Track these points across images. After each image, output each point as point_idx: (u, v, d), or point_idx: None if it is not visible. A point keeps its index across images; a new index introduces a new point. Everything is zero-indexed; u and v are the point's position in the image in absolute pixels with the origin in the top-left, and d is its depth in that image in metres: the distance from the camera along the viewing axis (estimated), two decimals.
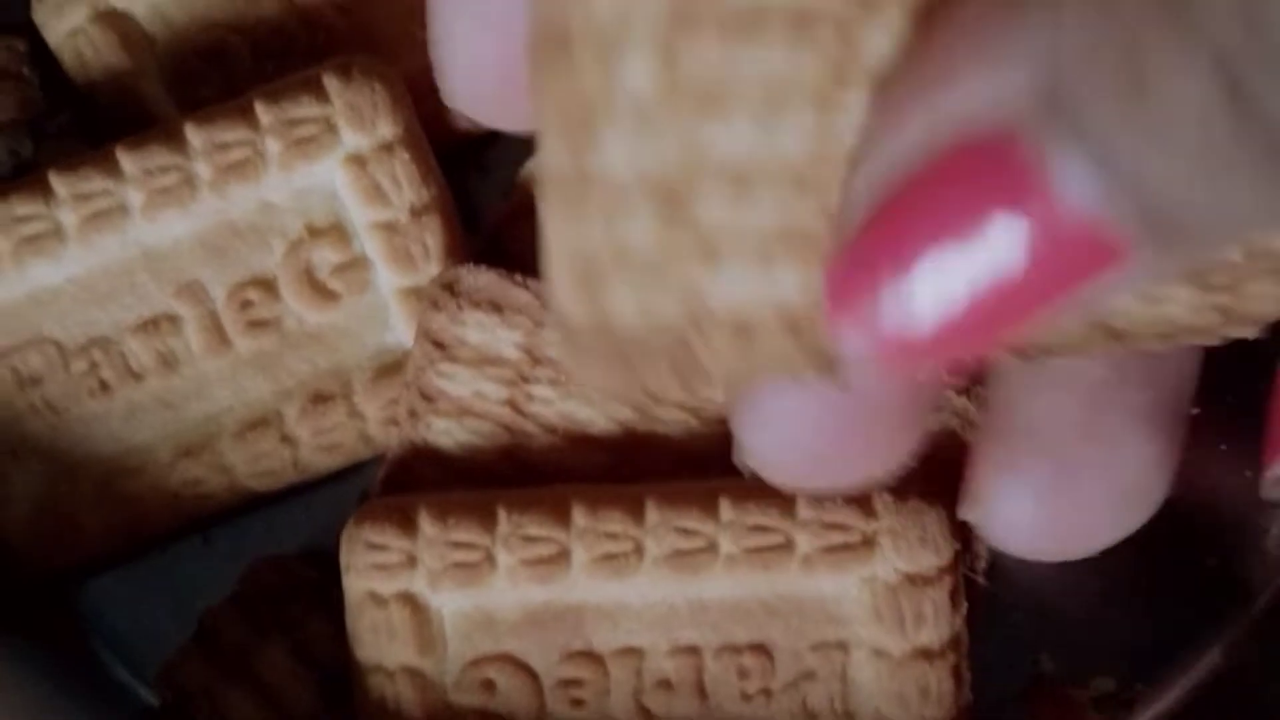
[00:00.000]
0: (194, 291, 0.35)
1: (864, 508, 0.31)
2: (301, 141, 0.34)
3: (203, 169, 0.34)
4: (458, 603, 0.32)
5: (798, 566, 0.31)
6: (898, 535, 0.31)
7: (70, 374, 0.35)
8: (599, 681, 0.32)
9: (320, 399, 0.35)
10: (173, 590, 0.36)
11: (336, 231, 0.35)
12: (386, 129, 0.34)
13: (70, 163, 0.34)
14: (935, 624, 0.31)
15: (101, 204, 0.34)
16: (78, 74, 0.37)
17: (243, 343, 0.35)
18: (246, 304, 0.35)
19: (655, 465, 0.33)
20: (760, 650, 0.32)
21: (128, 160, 0.34)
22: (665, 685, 0.32)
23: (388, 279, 0.35)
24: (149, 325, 0.35)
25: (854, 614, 0.31)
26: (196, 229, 0.34)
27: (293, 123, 0.34)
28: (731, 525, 0.31)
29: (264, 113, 0.34)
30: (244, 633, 0.34)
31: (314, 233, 0.35)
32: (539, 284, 0.34)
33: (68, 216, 0.34)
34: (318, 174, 0.34)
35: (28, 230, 0.34)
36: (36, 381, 0.35)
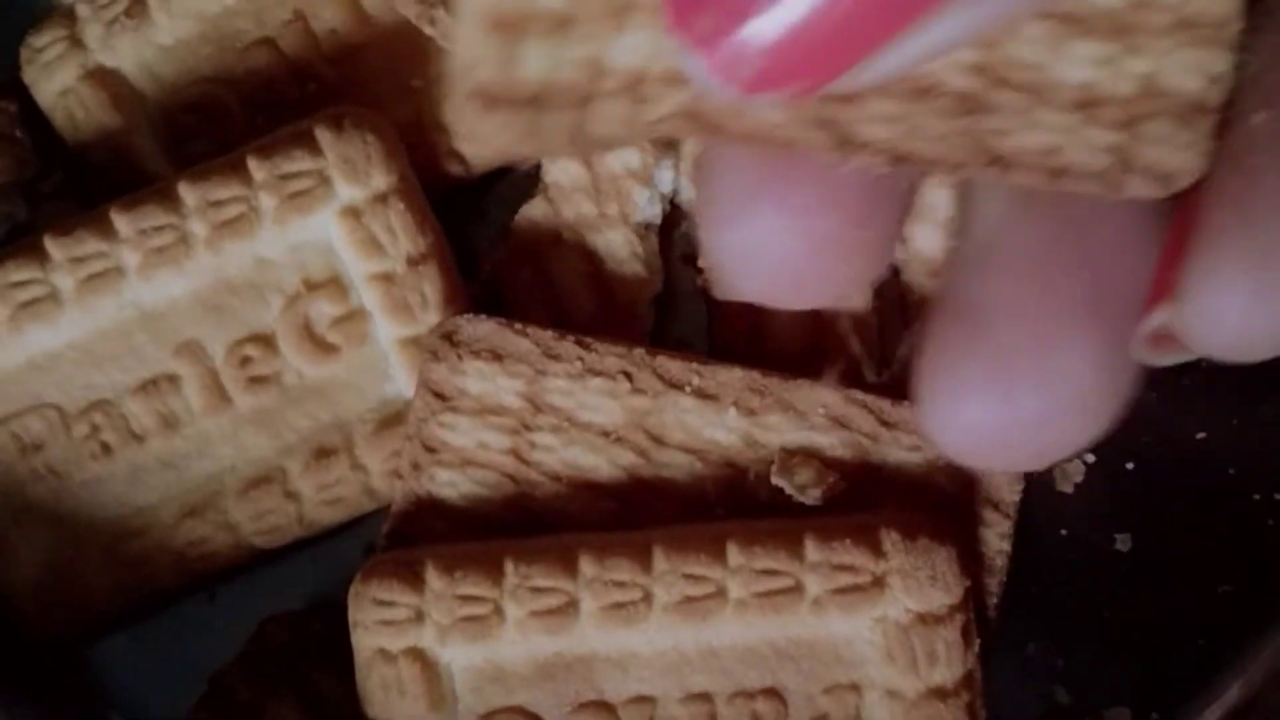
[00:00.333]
0: (193, 350, 0.34)
1: (873, 548, 0.31)
2: (296, 196, 0.34)
3: (197, 227, 0.34)
4: (467, 657, 0.32)
5: (808, 609, 0.31)
6: (908, 575, 0.31)
7: (72, 438, 0.34)
8: None
9: (322, 453, 0.35)
10: (180, 649, 0.36)
11: (334, 284, 0.34)
12: (380, 180, 0.34)
13: (65, 225, 0.34)
14: (948, 663, 0.31)
15: (97, 266, 0.34)
16: (69, 134, 0.37)
17: (243, 400, 0.35)
18: (246, 361, 0.34)
19: (660, 509, 0.33)
20: (773, 695, 0.31)
21: (122, 221, 0.34)
22: None
23: (386, 330, 0.35)
24: (149, 386, 0.34)
25: (866, 655, 0.31)
26: (193, 288, 0.34)
27: (286, 177, 0.34)
28: (740, 570, 0.31)
29: (257, 168, 0.34)
30: (254, 692, 0.34)
31: (311, 286, 0.34)
32: (539, 331, 0.33)
33: (64, 280, 0.34)
34: (313, 227, 0.34)
35: (24, 296, 0.34)
36: (38, 447, 0.34)
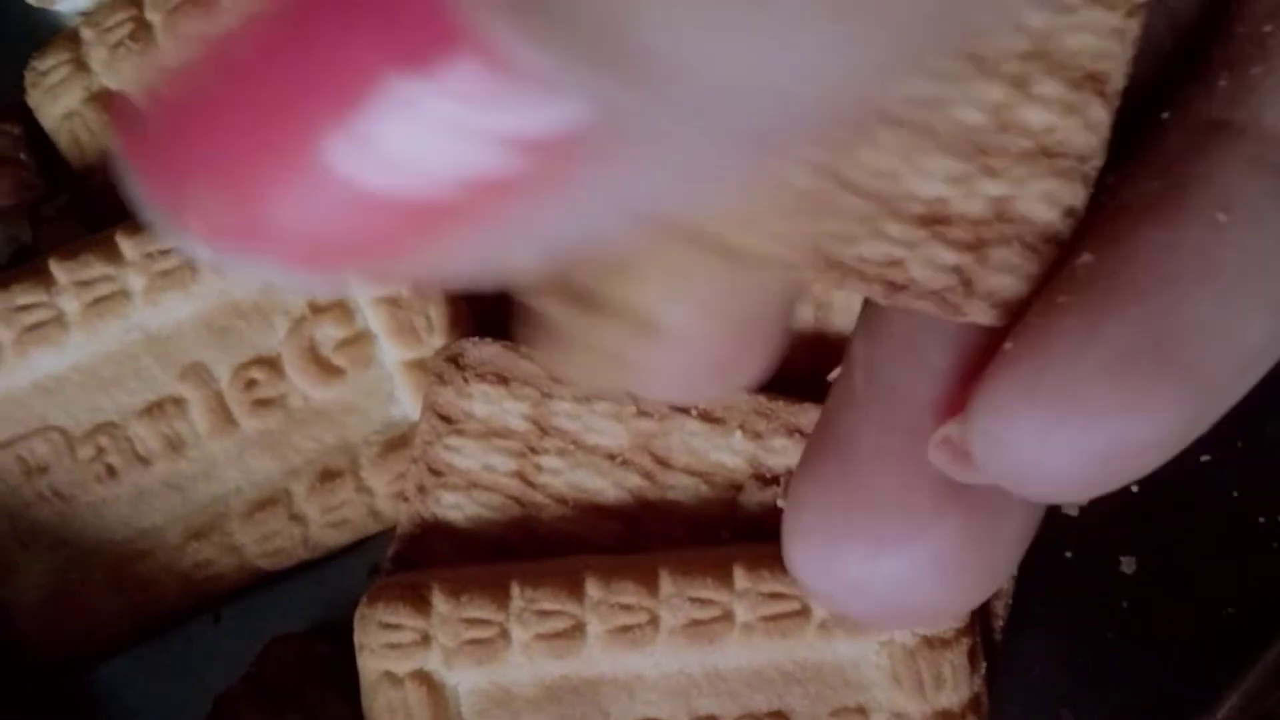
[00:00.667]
0: (198, 373, 0.35)
1: None
2: None
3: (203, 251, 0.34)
4: (473, 680, 0.32)
5: (815, 632, 0.31)
6: None
7: (77, 461, 0.34)
8: None
9: (328, 476, 0.35)
10: (185, 671, 0.36)
11: (339, 307, 0.35)
12: None
13: (70, 249, 0.34)
14: (955, 686, 0.31)
15: (103, 290, 0.34)
16: (74, 157, 0.37)
17: (249, 422, 0.35)
18: (251, 383, 0.35)
19: (667, 533, 0.33)
20: (780, 717, 0.31)
21: (128, 245, 0.34)
22: None
23: (391, 353, 0.35)
24: (154, 409, 0.35)
25: (872, 678, 0.31)
26: (199, 311, 0.34)
27: None
28: (747, 593, 0.31)
29: None
30: (259, 714, 0.34)
31: (316, 309, 0.35)
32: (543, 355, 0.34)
33: (70, 304, 0.34)
34: None
35: (30, 319, 0.34)
36: (43, 470, 0.34)
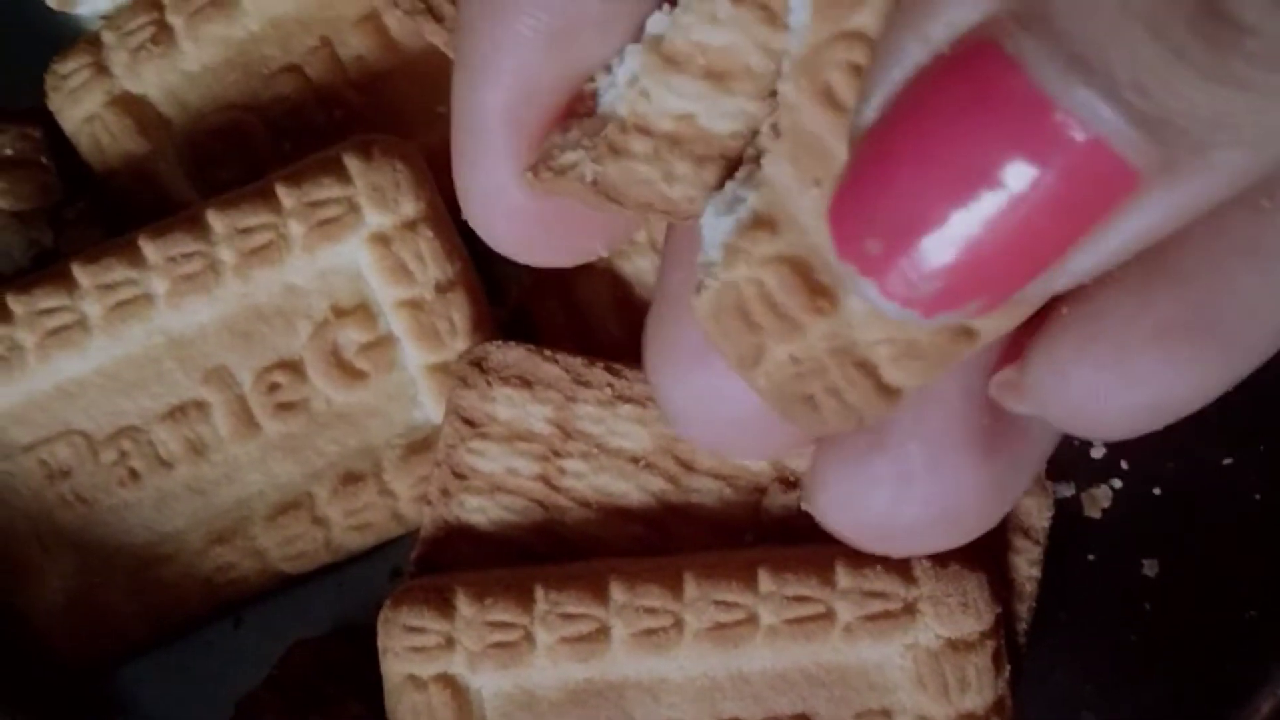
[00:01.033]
0: (221, 377, 0.34)
1: (904, 574, 0.31)
2: (324, 223, 0.34)
3: (226, 254, 0.34)
4: (498, 683, 0.32)
5: (839, 636, 0.31)
6: (939, 601, 0.31)
7: (99, 465, 0.34)
8: None
9: (351, 479, 0.35)
10: (206, 674, 0.36)
11: (362, 311, 0.35)
12: (409, 207, 0.34)
13: (92, 253, 0.34)
14: (979, 689, 0.31)
15: (125, 293, 0.34)
16: (95, 160, 0.37)
17: (271, 426, 0.35)
18: (274, 387, 0.35)
19: (690, 535, 0.33)
20: None
21: (150, 249, 0.34)
22: None
23: (415, 356, 0.35)
24: (177, 413, 0.34)
25: (897, 681, 0.31)
26: (221, 314, 0.34)
27: (315, 204, 0.34)
28: (771, 597, 0.31)
29: (286, 195, 0.34)
30: (281, 717, 0.34)
31: (339, 313, 0.34)
32: (569, 358, 0.34)
33: (92, 308, 0.34)
34: (342, 254, 0.34)
35: (52, 323, 0.34)
36: (66, 474, 0.34)
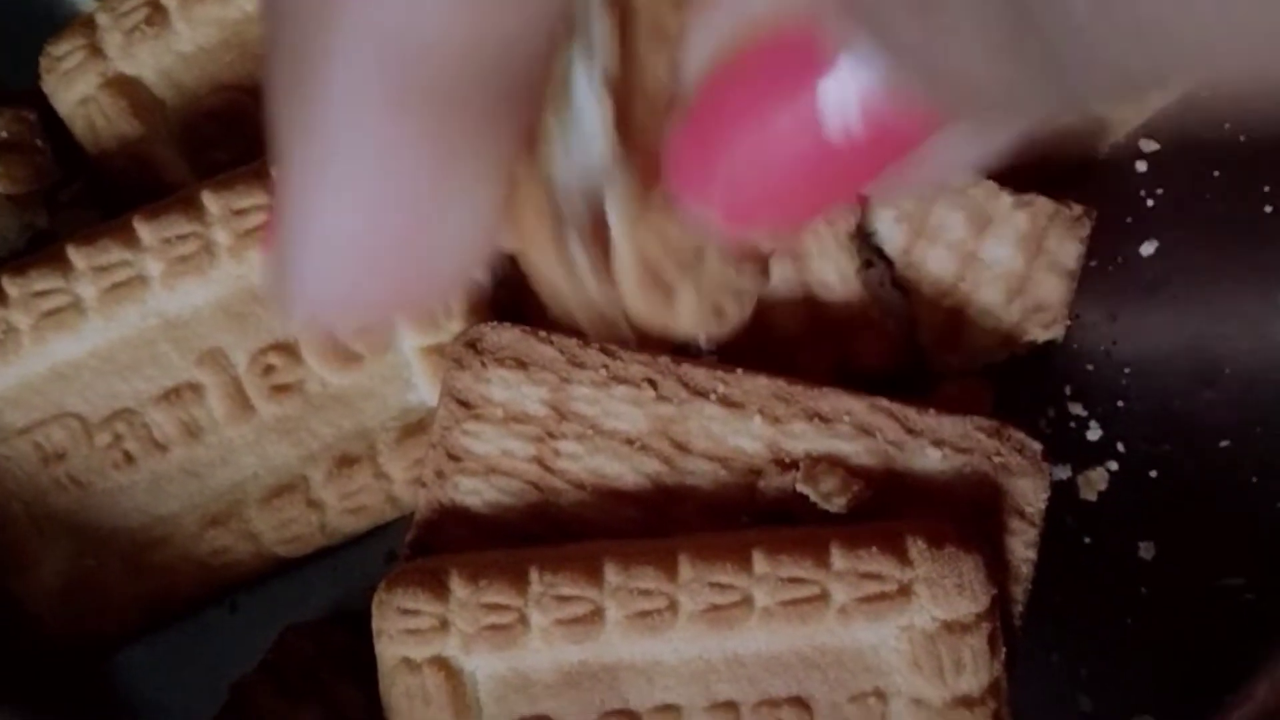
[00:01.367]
0: (216, 359, 0.34)
1: (900, 556, 0.31)
2: None
3: (221, 236, 0.34)
4: (492, 665, 0.32)
5: (834, 617, 0.31)
6: (934, 583, 0.31)
7: (94, 447, 0.34)
8: None
9: (345, 461, 0.35)
10: (201, 658, 0.36)
11: None
12: None
13: (87, 235, 0.34)
14: (974, 671, 0.31)
15: (120, 275, 0.34)
16: (89, 142, 0.37)
17: (266, 408, 0.35)
18: (269, 369, 0.34)
19: (685, 517, 0.33)
20: (798, 703, 0.31)
21: (145, 230, 0.34)
22: None
23: (409, 338, 0.35)
24: (171, 395, 0.34)
25: (892, 664, 0.31)
26: (217, 296, 0.34)
27: None
28: (766, 578, 0.31)
29: None
30: (276, 701, 0.34)
31: None
32: (564, 339, 0.33)
33: (87, 289, 0.34)
34: None
35: (47, 305, 0.34)
36: (60, 457, 0.34)
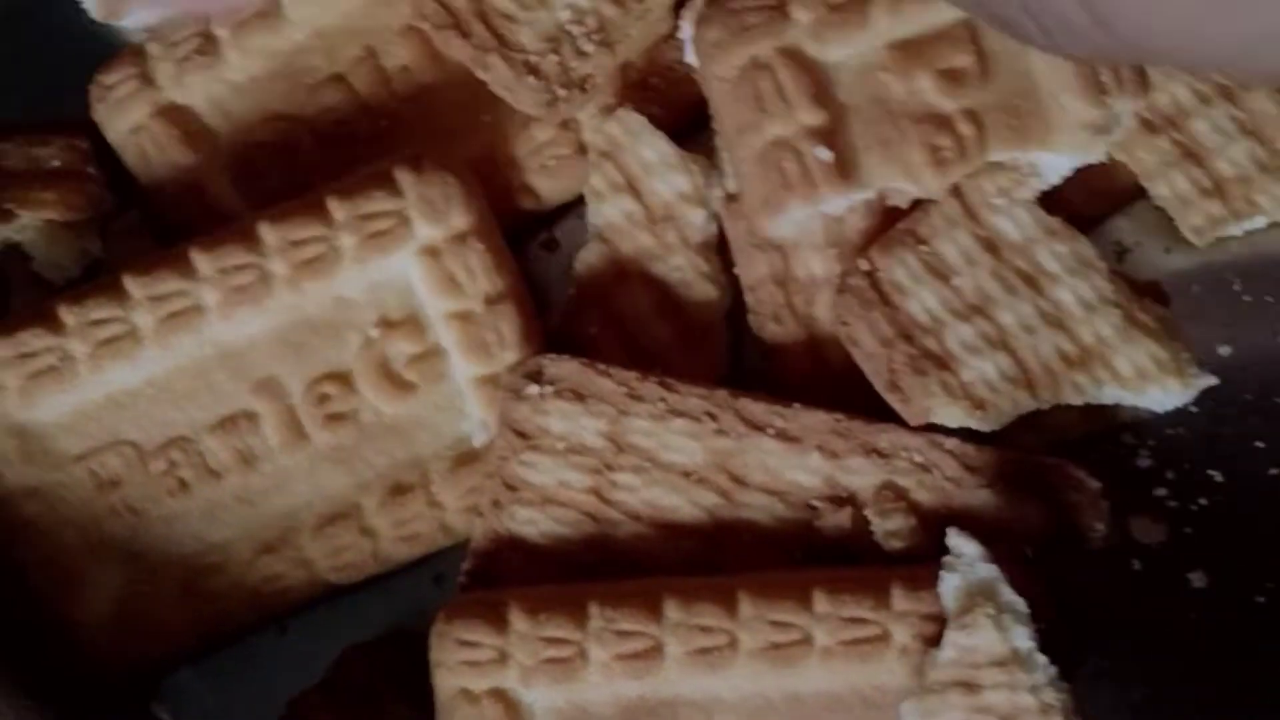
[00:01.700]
0: (271, 388, 0.34)
1: None
2: (375, 235, 0.34)
3: (278, 266, 0.34)
4: (550, 699, 0.32)
5: (894, 657, 0.31)
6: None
7: (149, 475, 0.34)
8: None
9: (399, 490, 0.35)
10: (252, 681, 0.36)
11: (412, 323, 0.34)
12: (460, 220, 0.34)
13: (144, 264, 0.34)
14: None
15: (177, 305, 0.34)
16: (140, 171, 0.37)
17: (321, 437, 0.35)
18: (324, 398, 0.34)
19: (742, 551, 0.33)
20: None
21: (202, 260, 0.34)
22: None
23: (463, 368, 0.35)
24: (227, 423, 0.34)
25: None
26: (272, 326, 0.34)
27: (366, 217, 0.34)
28: (827, 618, 0.31)
29: (337, 208, 0.34)
30: (332, 717, 0.34)
31: (389, 325, 0.34)
32: (622, 372, 0.33)
33: (144, 318, 0.34)
34: (392, 266, 0.34)
35: (104, 334, 0.34)
36: (115, 484, 0.34)
